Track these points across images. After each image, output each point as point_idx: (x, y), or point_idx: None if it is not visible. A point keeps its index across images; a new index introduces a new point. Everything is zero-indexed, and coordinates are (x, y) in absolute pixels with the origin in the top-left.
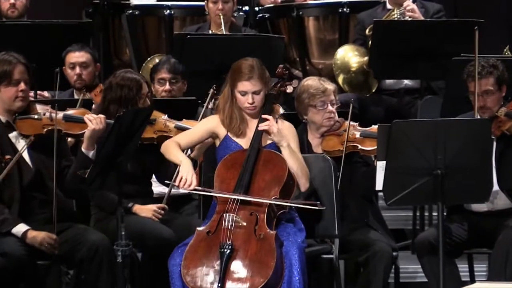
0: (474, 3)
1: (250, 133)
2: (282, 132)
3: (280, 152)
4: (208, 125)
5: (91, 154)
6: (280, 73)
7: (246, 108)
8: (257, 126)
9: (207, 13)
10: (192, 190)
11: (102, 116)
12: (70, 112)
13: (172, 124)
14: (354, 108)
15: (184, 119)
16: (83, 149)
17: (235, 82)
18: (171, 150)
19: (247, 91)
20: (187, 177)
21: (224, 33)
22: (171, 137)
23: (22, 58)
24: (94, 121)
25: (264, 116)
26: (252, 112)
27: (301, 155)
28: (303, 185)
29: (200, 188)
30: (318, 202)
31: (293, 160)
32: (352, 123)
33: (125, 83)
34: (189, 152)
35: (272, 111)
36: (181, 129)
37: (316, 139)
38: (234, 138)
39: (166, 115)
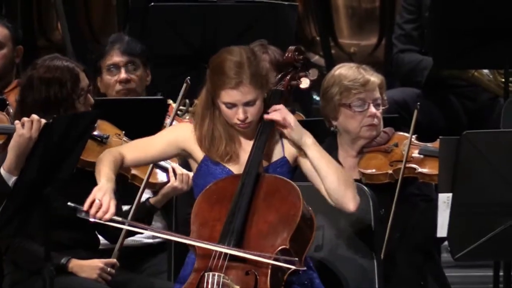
0: None
1: (244, 156)
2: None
3: (290, 177)
4: (175, 135)
5: (12, 180)
6: (290, 58)
7: (236, 124)
8: (253, 146)
9: None
10: (109, 220)
11: (36, 117)
12: None
13: None
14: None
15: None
16: (2, 171)
17: (216, 90)
18: (103, 163)
19: (236, 102)
20: (102, 200)
21: None
22: None
23: None
24: (26, 126)
25: (267, 116)
26: (246, 130)
27: None
28: (352, 200)
29: (121, 219)
30: (296, 259)
31: (326, 163)
32: (406, 134)
33: (54, 75)
34: (148, 195)
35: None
36: None
37: (350, 158)
38: (219, 161)
39: (124, 132)
